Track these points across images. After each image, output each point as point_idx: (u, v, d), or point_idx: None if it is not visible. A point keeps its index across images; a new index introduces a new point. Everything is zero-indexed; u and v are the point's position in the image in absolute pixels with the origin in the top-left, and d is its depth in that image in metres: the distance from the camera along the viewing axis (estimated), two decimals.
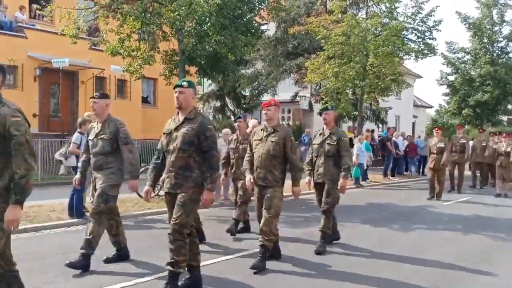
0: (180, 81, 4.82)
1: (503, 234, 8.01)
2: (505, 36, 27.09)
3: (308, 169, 6.83)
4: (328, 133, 6.59)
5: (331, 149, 6.47)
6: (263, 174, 5.60)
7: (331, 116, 6.70)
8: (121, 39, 10.60)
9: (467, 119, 28.26)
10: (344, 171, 6.41)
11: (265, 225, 5.50)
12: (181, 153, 4.53)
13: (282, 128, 5.79)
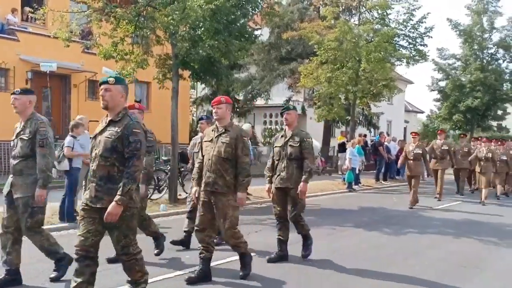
0: (106, 77, 4.11)
1: (493, 238, 8.10)
2: (495, 43, 27.38)
3: (268, 175, 6.34)
4: (290, 134, 6.15)
5: (294, 152, 6.04)
6: (213, 179, 5.08)
7: (293, 116, 6.22)
8: (114, 42, 10.56)
9: (458, 124, 28.50)
10: (305, 175, 5.94)
11: (229, 237, 5.19)
12: (103, 161, 3.87)
13: (235, 128, 5.27)
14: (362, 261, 6.32)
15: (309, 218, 9.51)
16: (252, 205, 11.22)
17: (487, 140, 13.74)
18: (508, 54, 27.32)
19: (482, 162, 12.79)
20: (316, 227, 8.62)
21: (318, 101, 18.74)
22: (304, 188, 5.93)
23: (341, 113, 17.91)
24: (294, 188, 5.97)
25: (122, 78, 4.19)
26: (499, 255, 7.04)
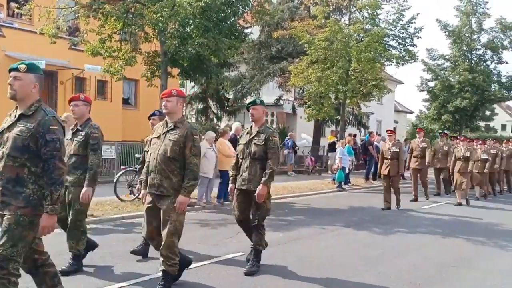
0: (18, 63, 3.51)
1: (481, 238, 8.12)
2: (483, 44, 27.63)
3: (232, 174, 5.84)
4: (256, 131, 5.57)
5: (258, 151, 5.48)
6: (158, 181, 4.55)
7: (260, 112, 5.64)
8: (102, 39, 10.45)
9: (447, 124, 28.72)
10: (265, 176, 5.35)
11: (165, 247, 4.51)
12: (11, 161, 3.34)
13: (186, 125, 4.67)
14: (352, 260, 6.29)
15: (299, 218, 9.53)
16: None
17: (465, 139, 13.16)
18: (496, 55, 27.59)
19: (460, 161, 12.15)
20: (306, 226, 8.62)
21: (308, 100, 18.74)
22: (262, 191, 5.32)
23: (331, 113, 17.93)
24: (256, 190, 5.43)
25: (36, 66, 3.57)
26: (487, 255, 7.05)
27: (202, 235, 7.65)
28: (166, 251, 4.51)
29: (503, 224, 9.67)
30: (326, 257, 6.43)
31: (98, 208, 9.19)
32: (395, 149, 10.93)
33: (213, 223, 8.60)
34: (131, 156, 14.66)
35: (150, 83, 11.04)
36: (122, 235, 7.41)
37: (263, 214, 5.55)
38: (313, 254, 6.58)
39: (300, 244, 7.19)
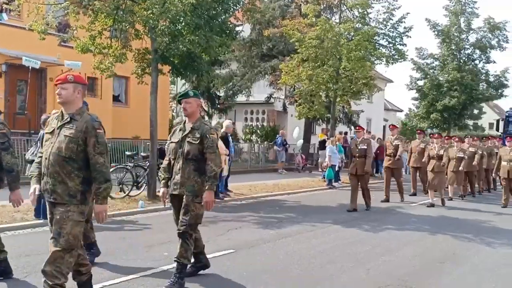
0: None
1: (468, 234, 8.24)
2: (472, 43, 27.91)
3: (164, 177, 5.10)
4: (190, 128, 4.89)
5: (192, 150, 4.80)
6: (50, 186, 3.76)
7: (194, 105, 4.94)
8: (92, 36, 10.35)
9: (435, 123, 28.99)
10: (209, 181, 4.75)
11: (50, 263, 3.64)
12: None
13: (85, 117, 3.81)
14: (341, 257, 6.36)
15: (289, 215, 9.59)
16: (232, 202, 11.19)
17: (439, 136, 12.55)
18: (484, 54, 27.87)
19: (434, 160, 11.63)
20: (296, 223, 8.68)
21: (299, 98, 18.79)
22: (209, 198, 4.77)
23: (321, 111, 18.00)
24: (189, 195, 4.80)
25: None
26: (474, 251, 7.16)
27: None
28: (51, 266, 3.63)
29: (489, 221, 9.82)
30: (316, 254, 6.49)
31: None
32: (362, 147, 10.36)
33: (204, 221, 8.39)
34: (122, 153, 14.62)
35: (141, 80, 10.97)
36: (112, 233, 7.41)
37: (191, 221, 4.80)
38: (303, 251, 6.63)
39: (291, 241, 7.24)
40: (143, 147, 15.40)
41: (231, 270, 5.53)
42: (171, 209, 9.71)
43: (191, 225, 4.81)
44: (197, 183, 4.82)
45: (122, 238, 7.11)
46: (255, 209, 10.23)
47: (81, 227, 3.83)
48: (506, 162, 11.64)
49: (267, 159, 22.11)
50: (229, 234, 7.53)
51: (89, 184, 3.82)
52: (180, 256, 4.82)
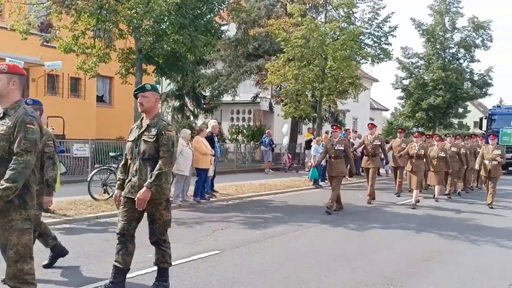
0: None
1: (453, 233, 8.29)
2: (456, 42, 28.22)
3: (119, 178, 4.66)
4: (146, 125, 4.50)
5: (148, 149, 4.41)
6: None
7: (152, 100, 4.52)
8: (75, 36, 10.24)
9: (421, 122, 29.25)
10: (151, 178, 4.30)
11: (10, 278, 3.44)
12: None
13: (19, 111, 3.42)
14: (328, 257, 6.34)
15: (276, 215, 9.55)
16: (218, 203, 11.12)
17: (419, 135, 12.15)
18: (468, 54, 28.19)
19: (413, 159, 11.38)
20: (283, 223, 8.65)
21: (285, 98, 18.79)
22: (143, 195, 4.27)
23: (307, 110, 18.04)
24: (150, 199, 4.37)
25: None
26: (458, 249, 7.21)
27: (178, 233, 7.57)
28: (13, 282, 3.43)
29: (474, 219, 9.90)
30: (302, 254, 6.46)
31: (71, 207, 9.04)
32: (339, 147, 9.99)
33: (190, 222, 8.55)
34: (106, 154, 14.45)
35: (125, 80, 10.87)
36: (96, 235, 7.30)
37: (160, 229, 4.51)
38: (290, 251, 6.60)
39: (277, 241, 7.21)
40: None
41: (216, 272, 5.47)
42: None
43: (161, 232, 4.55)
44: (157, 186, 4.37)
45: (106, 240, 7.00)
46: (241, 209, 10.18)
47: (30, 234, 3.44)
48: (487, 161, 11.45)
49: (254, 159, 22.07)
50: (215, 235, 7.47)
51: (28, 186, 3.40)
52: (158, 261, 4.68)
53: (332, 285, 5.15)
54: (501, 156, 11.33)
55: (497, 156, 11.30)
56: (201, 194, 10.79)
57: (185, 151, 10.22)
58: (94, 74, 10.65)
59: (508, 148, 22.41)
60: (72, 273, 5.28)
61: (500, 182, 12.36)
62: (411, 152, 11.44)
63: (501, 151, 11.48)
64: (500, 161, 11.33)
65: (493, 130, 22.19)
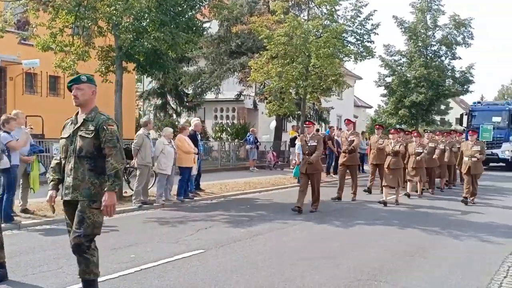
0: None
1: (436, 228, 8.35)
2: (438, 40, 28.50)
3: (52, 178, 4.24)
4: (82, 120, 4.12)
5: (86, 145, 4.02)
6: None
7: (88, 93, 4.16)
8: (53, 33, 10.00)
9: (404, 119, 29.49)
10: (109, 180, 3.95)
11: None
12: None
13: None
14: (313, 254, 6.32)
15: (260, 213, 9.50)
16: (202, 201, 11.03)
17: (396, 132, 11.73)
18: (450, 51, 28.49)
19: (391, 157, 11.07)
20: (268, 221, 8.61)
21: (269, 95, 18.73)
22: (109, 201, 3.94)
23: (291, 108, 17.99)
24: (84, 200, 4.00)
25: None
26: (442, 244, 7.25)
27: (162, 233, 7.49)
28: None
29: (456, 215, 9.99)
30: (287, 252, 6.42)
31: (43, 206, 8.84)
32: (312, 143, 9.63)
33: (173, 221, 8.44)
34: None
35: (105, 78, 10.68)
36: None
37: (88, 231, 3.99)
38: (275, 249, 6.56)
39: (261, 239, 7.16)
40: None
41: (200, 271, 5.40)
42: (138, 210, 9.57)
43: (87, 236, 3.99)
44: (94, 185, 4.01)
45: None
46: (225, 208, 10.10)
47: None
48: (467, 158, 11.33)
49: (238, 157, 21.99)
50: (199, 234, 7.39)
51: None
52: (83, 274, 4.08)
53: (317, 282, 5.11)
54: (480, 152, 11.17)
55: (477, 152, 11.16)
56: (185, 193, 10.68)
57: (167, 149, 10.09)
58: (72, 72, 10.42)
59: (488, 144, 22.90)
60: (54, 274, 5.18)
61: (481, 177, 12.45)
62: (388, 149, 11.18)
63: (481, 147, 11.33)
64: (479, 158, 11.16)
65: (473, 126, 22.45)
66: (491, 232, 8.12)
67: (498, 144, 23.32)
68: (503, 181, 17.62)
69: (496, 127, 23.01)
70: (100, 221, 4.08)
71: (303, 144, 9.90)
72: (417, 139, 12.70)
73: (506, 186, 16.01)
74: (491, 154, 22.53)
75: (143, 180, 9.77)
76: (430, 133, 14.49)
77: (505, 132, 23.74)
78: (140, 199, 9.68)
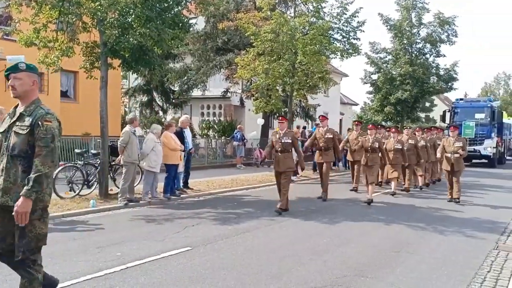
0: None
1: (421, 224, 8.44)
2: (423, 38, 28.76)
3: None
4: (19, 113, 3.64)
5: (19, 143, 3.55)
6: None
7: (27, 83, 3.65)
8: (36, 29, 9.83)
9: (389, 116, 29.74)
10: (28, 183, 3.41)
11: None
12: None
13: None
14: (300, 250, 6.33)
15: (248, 210, 9.49)
16: (189, 199, 10.98)
17: (373, 127, 11.50)
18: (434, 49, 28.77)
19: (368, 153, 10.94)
20: (255, 218, 8.61)
21: (255, 92, 18.71)
22: (22, 207, 3.39)
23: (278, 105, 17.99)
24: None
25: None
26: (426, 240, 7.33)
27: (148, 231, 7.44)
28: None
29: (441, 211, 10.11)
30: (274, 248, 6.43)
31: None
32: (286, 140, 9.25)
33: (159, 219, 8.39)
34: (71, 151, 14.05)
35: (90, 75, 10.54)
36: (62, 234, 7.05)
37: (30, 245, 3.52)
38: (262, 246, 6.56)
39: (249, 236, 7.16)
40: (94, 144, 14.89)
41: (188, 268, 5.38)
42: (124, 208, 9.49)
43: (31, 250, 3.53)
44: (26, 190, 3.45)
45: (73, 239, 6.79)
46: (212, 205, 10.08)
47: None
48: (449, 154, 11.07)
49: (225, 154, 21.95)
50: (186, 232, 7.36)
51: None
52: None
53: (304, 278, 5.13)
54: (462, 148, 11.03)
55: (459, 148, 10.98)
56: (171, 191, 10.62)
57: (157, 147, 10.02)
58: (57, 68, 10.27)
59: (470, 141, 22.64)
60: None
61: (464, 173, 12.58)
62: (365, 145, 10.97)
63: (463, 143, 11.17)
64: (462, 154, 11.01)
65: (456, 123, 22.63)
66: (475, 228, 8.24)
67: (480, 140, 23.48)
68: (486, 177, 17.91)
69: (479, 123, 23.21)
70: (44, 232, 3.58)
71: (275, 140, 9.31)
72: (395, 135, 12.52)
73: (488, 182, 16.26)
74: (473, 151, 22.71)
75: (129, 177, 9.69)
76: (410, 129, 14.27)
77: (487, 128, 23.87)
78: (126, 197, 9.60)
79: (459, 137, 11.65)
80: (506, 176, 19.31)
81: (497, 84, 70.53)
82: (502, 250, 6.75)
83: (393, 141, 12.29)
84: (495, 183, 16.21)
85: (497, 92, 67.03)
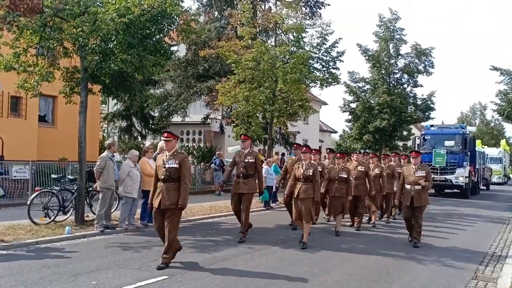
0: None
1: (400, 252, 8.48)
2: (400, 68, 29.50)
3: None
4: None
5: None
6: None
7: None
8: (16, 53, 9.76)
9: (368, 144, 30.11)
10: None
11: None
12: None
13: None
14: (279, 279, 6.27)
15: (226, 238, 9.39)
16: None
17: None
18: (412, 79, 29.50)
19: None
20: (233, 246, 8.51)
21: (236, 119, 18.80)
22: None
23: (258, 132, 18.09)
24: None
25: None
26: (405, 269, 7.35)
27: (124, 258, 7.27)
28: None
29: (421, 239, 10.15)
30: (253, 277, 6.35)
31: (9, 232, 8.51)
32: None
33: (136, 246, 8.23)
34: (47, 176, 13.77)
35: (69, 99, 10.46)
36: (36, 261, 6.85)
37: None
38: (241, 275, 6.47)
39: (227, 265, 7.06)
40: (71, 169, 14.64)
41: None
42: (101, 234, 9.31)
43: None
44: None
45: (47, 267, 6.58)
46: (190, 232, 9.94)
47: None
48: (409, 186, 9.02)
49: (204, 180, 21.80)
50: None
51: None
52: None
53: None
54: (426, 178, 8.95)
55: (421, 178, 8.93)
56: (149, 217, 10.44)
57: (133, 172, 9.92)
58: (36, 93, 10.17)
59: (442, 170, 21.92)
60: None
61: (441, 202, 12.66)
62: (297, 173, 8.71)
63: (426, 173, 9.04)
64: (425, 185, 8.94)
65: (426, 150, 21.87)
66: (454, 257, 8.31)
67: (452, 169, 22.31)
68: (464, 206, 18.08)
69: (450, 151, 22.17)
70: None
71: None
72: (339, 161, 10.42)
73: (466, 212, 16.43)
74: (444, 180, 22.01)
75: (106, 203, 9.53)
76: (360, 154, 12.09)
77: (459, 157, 22.58)
78: (102, 223, 9.40)
79: (422, 165, 9.40)
80: (482, 206, 19.50)
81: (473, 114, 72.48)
82: (480, 280, 6.81)
83: (337, 169, 10.26)
84: (473, 212, 16.40)
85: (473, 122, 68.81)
